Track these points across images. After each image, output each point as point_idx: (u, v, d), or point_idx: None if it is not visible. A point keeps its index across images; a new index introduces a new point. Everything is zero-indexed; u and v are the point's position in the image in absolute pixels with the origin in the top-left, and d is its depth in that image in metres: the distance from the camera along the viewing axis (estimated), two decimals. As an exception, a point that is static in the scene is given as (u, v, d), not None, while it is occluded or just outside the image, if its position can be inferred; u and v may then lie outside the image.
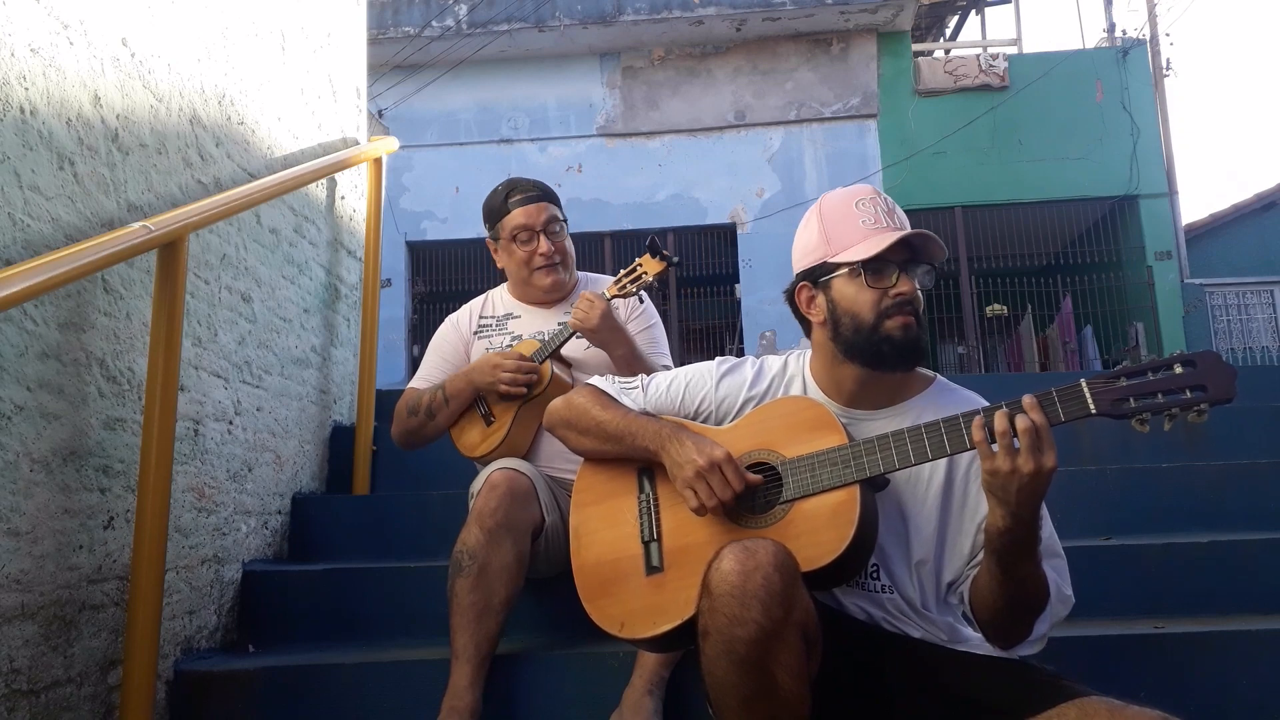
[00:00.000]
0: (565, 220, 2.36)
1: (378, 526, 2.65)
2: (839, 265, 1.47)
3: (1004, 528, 1.28)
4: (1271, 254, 10.36)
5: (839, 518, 1.37)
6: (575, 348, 2.22)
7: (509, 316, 2.38)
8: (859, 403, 1.53)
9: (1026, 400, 1.26)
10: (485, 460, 2.22)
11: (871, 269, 1.44)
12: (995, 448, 1.25)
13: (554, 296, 2.34)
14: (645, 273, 2.15)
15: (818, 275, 1.51)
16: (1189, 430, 2.97)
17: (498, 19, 9.09)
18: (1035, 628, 1.40)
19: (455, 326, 2.41)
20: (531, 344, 2.25)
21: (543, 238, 2.28)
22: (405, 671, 1.96)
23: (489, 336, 2.36)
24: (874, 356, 1.46)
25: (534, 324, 2.34)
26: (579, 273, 2.45)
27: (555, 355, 2.20)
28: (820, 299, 1.51)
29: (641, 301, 2.36)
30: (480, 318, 2.41)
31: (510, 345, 2.31)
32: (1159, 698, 1.36)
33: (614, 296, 2.17)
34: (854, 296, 1.46)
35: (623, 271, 2.19)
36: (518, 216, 2.29)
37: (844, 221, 1.48)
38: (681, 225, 9.27)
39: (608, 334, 2.11)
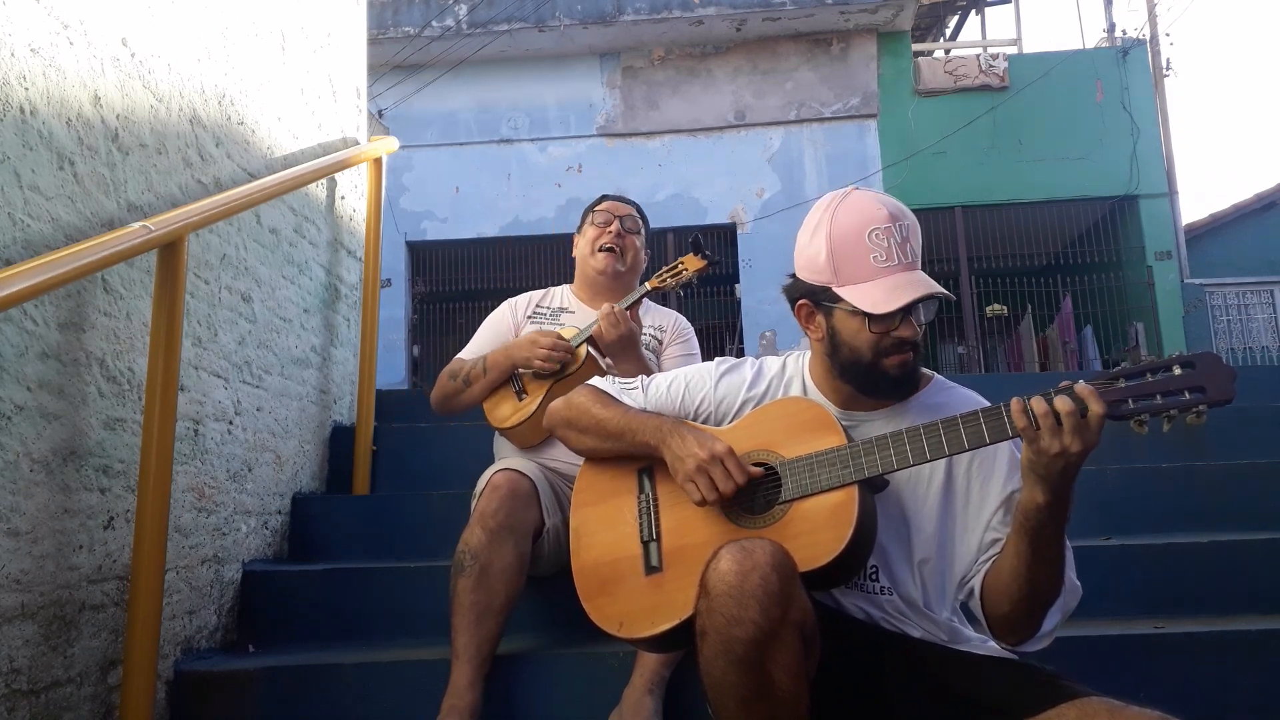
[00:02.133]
0: (646, 240, 2.52)
1: (378, 526, 2.65)
2: (843, 298, 1.44)
3: (1044, 503, 1.28)
4: (1271, 254, 10.35)
5: (837, 518, 1.37)
6: None
7: (563, 310, 2.49)
8: (857, 404, 1.53)
9: (1080, 388, 1.25)
10: (514, 432, 2.27)
11: (876, 317, 1.41)
12: (1040, 431, 1.24)
13: (606, 284, 2.44)
14: (685, 270, 2.25)
15: (820, 297, 1.48)
16: (1189, 431, 2.97)
17: (498, 19, 9.09)
18: (1046, 621, 1.39)
19: (511, 308, 2.53)
20: (571, 330, 2.34)
21: (617, 223, 2.44)
22: (405, 671, 1.97)
23: (540, 324, 2.45)
24: (868, 386, 1.48)
25: (586, 323, 2.38)
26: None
27: (592, 341, 2.27)
28: (820, 319, 1.50)
29: (684, 338, 2.44)
30: (536, 306, 2.52)
31: None
32: (1159, 698, 1.36)
33: (653, 288, 2.30)
34: (854, 332, 1.44)
35: (664, 268, 2.30)
36: (604, 206, 2.49)
37: (854, 254, 1.43)
38: (681, 225, 9.25)
39: (620, 352, 2.21)
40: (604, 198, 2.54)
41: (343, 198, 3.23)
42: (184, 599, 2.09)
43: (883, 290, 1.40)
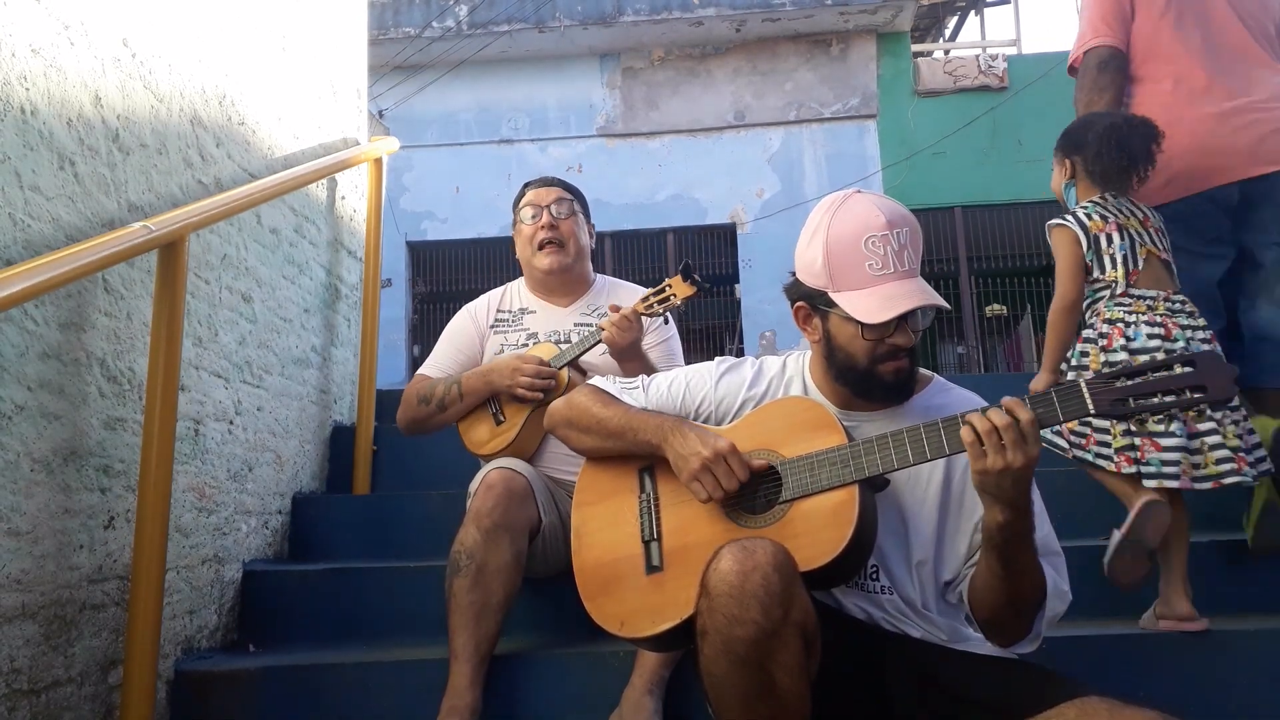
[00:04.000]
0: (585, 215, 2.40)
1: (378, 526, 2.65)
2: (838, 304, 1.44)
3: (1004, 521, 1.28)
4: (1271, 254, 10.33)
5: (838, 517, 1.37)
6: (591, 354, 2.21)
7: (524, 311, 2.39)
8: (857, 405, 1.53)
9: (1007, 400, 1.28)
10: (490, 458, 2.21)
11: (869, 325, 1.41)
12: (985, 448, 1.26)
13: (557, 281, 2.35)
14: (674, 295, 2.13)
15: (816, 301, 1.48)
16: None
17: (498, 19, 9.09)
18: (1034, 625, 1.40)
19: (472, 318, 2.42)
20: (549, 348, 2.24)
21: (545, 213, 2.32)
22: (405, 671, 1.96)
23: (504, 331, 2.37)
24: (863, 390, 1.49)
25: (549, 321, 2.34)
26: (603, 277, 2.46)
27: (574, 364, 2.18)
28: (817, 322, 1.51)
29: (666, 321, 2.36)
30: (497, 311, 2.42)
31: (526, 343, 2.31)
32: (1159, 698, 1.36)
33: (640, 315, 2.15)
34: (849, 338, 1.45)
35: (650, 291, 2.17)
36: (529, 196, 2.37)
37: (850, 261, 1.42)
38: (681, 225, 9.26)
39: (630, 352, 2.13)
40: (524, 190, 2.41)
41: (343, 198, 3.23)
42: (184, 599, 2.09)
43: (877, 299, 1.40)
